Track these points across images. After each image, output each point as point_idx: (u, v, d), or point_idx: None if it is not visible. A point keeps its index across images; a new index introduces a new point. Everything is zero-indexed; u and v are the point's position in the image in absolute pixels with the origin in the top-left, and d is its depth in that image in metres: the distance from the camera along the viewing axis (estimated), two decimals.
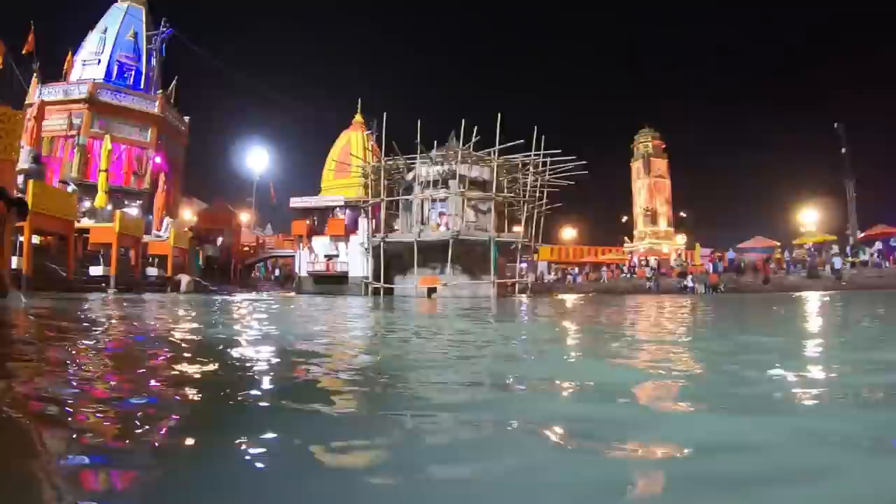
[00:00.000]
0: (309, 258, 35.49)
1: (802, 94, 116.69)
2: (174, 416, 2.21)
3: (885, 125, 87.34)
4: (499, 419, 2.25)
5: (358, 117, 43.95)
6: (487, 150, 31.87)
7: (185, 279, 28.25)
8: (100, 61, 42.03)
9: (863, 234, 39.81)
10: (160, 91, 42.80)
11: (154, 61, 44.11)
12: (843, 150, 42.73)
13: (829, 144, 46.20)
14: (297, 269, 36.98)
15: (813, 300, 17.87)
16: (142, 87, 42.57)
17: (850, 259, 34.27)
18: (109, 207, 30.73)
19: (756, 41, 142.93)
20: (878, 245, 35.30)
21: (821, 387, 3.14)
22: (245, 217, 52.68)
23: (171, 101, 43.54)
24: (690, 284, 33.50)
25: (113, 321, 8.10)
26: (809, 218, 49.62)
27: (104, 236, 26.12)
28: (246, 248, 44.48)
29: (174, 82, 44.95)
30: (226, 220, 41.12)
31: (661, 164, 70.12)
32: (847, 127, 43.08)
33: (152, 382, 3.06)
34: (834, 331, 7.80)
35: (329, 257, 35.28)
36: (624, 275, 41.88)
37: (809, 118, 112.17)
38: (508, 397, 3.00)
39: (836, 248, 35.92)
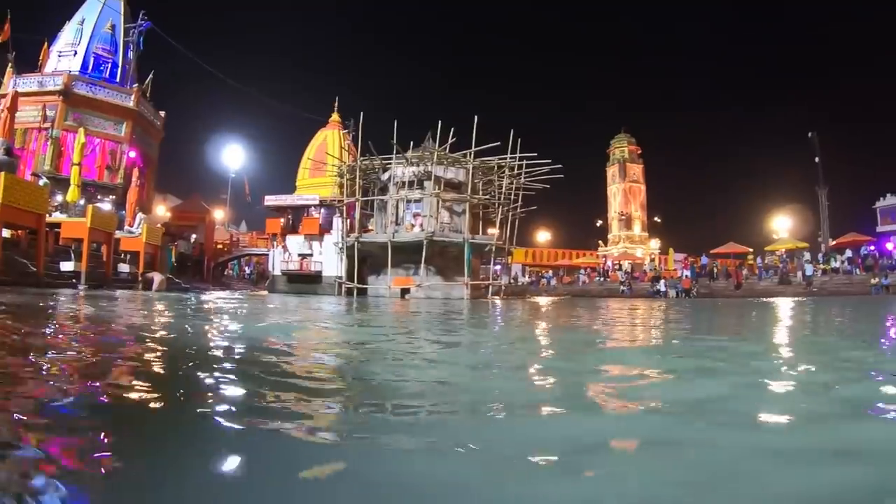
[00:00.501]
0: (283, 257, 36.36)
1: (777, 104, 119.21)
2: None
3: (858, 136, 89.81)
4: None
5: (335, 116, 44.77)
6: (463, 151, 33.06)
7: (157, 277, 28.81)
8: (76, 53, 42.39)
9: (834, 242, 41.42)
10: (136, 85, 43.17)
11: (131, 54, 44.59)
12: (817, 160, 44.20)
13: (803, 153, 47.75)
14: (270, 268, 37.70)
15: (782, 305, 19.17)
16: (118, 80, 42.98)
17: (821, 266, 35.58)
18: (82, 202, 31.10)
19: (734, 49, 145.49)
20: (849, 253, 36.61)
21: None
22: (219, 214, 53.45)
23: (147, 95, 43.98)
24: (663, 289, 34.71)
25: (75, 319, 8.62)
26: (782, 225, 51.35)
27: (76, 231, 26.40)
28: (219, 246, 45.17)
29: (150, 76, 45.23)
30: (200, 216, 41.83)
31: (636, 170, 72.08)
32: (820, 137, 44.51)
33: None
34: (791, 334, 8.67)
35: (303, 256, 36.19)
36: (598, 278, 42.94)
37: (784, 127, 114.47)
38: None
39: (807, 255, 37.46)
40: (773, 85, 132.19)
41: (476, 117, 31.40)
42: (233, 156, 56.21)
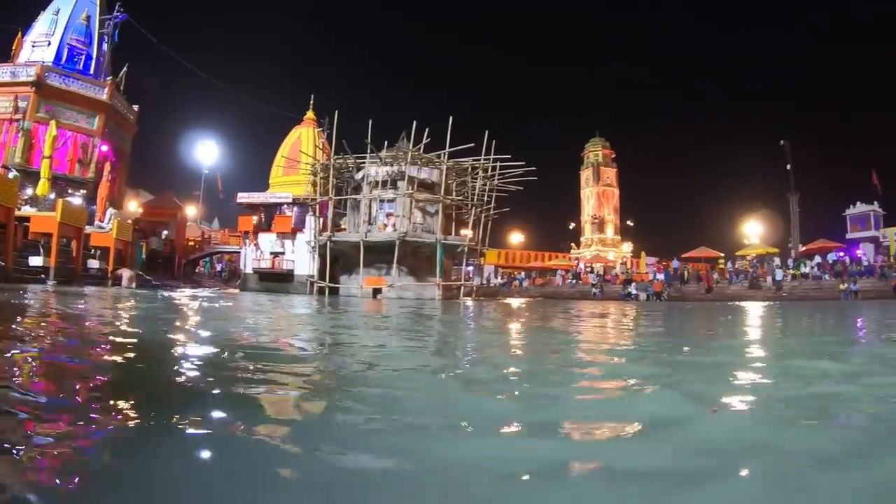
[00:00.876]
0: (255, 255, 37.00)
1: (751, 112, 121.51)
2: None
3: (830, 145, 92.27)
4: None
5: (310, 114, 45.45)
6: (437, 152, 33.91)
7: (126, 273, 29.27)
8: (50, 43, 42.60)
9: (804, 248, 42.77)
10: (110, 78, 43.45)
11: (106, 46, 44.89)
12: (788, 167, 45.54)
13: (775, 161, 49.20)
14: (242, 266, 38.16)
15: (750, 309, 20.30)
16: (91, 72, 43.28)
17: (791, 271, 36.64)
18: (52, 196, 31.52)
19: (708, 57, 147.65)
20: (818, 259, 37.68)
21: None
22: (192, 211, 53.94)
23: (121, 88, 44.26)
24: (634, 292, 35.66)
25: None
26: (753, 231, 53.12)
27: (45, 225, 26.78)
28: (191, 243, 45.80)
29: (124, 69, 45.34)
30: (171, 213, 42.38)
31: (610, 174, 73.87)
32: (793, 145, 45.94)
33: None
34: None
35: (275, 255, 36.81)
36: (570, 281, 43.83)
37: (757, 135, 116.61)
38: None
39: (777, 261, 38.76)
40: (747, 93, 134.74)
41: (451, 118, 32.41)
42: (206, 152, 56.66)
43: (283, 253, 37.07)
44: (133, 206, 45.18)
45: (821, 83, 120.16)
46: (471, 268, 39.42)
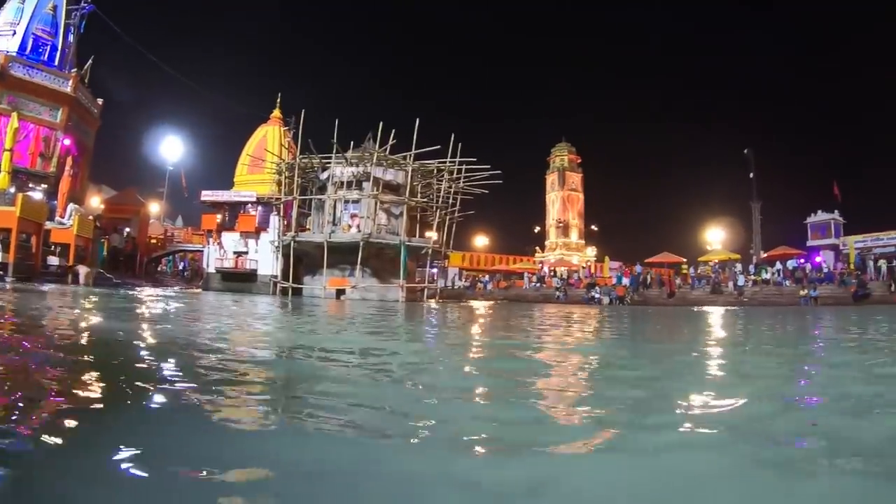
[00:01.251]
0: (218, 254, 37.36)
1: (716, 121, 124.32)
2: None
3: (792, 155, 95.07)
4: None
5: (276, 112, 46.04)
6: (403, 153, 34.90)
7: (83, 270, 29.44)
8: (14, 33, 42.18)
9: (765, 255, 44.31)
10: (75, 70, 43.35)
11: (71, 37, 44.64)
12: (751, 175, 46.99)
13: (739, 169, 50.88)
14: (205, 265, 38.29)
15: (712, 314, 21.42)
16: (56, 63, 43.09)
17: (752, 277, 37.80)
18: (12, 190, 31.68)
19: (675, 65, 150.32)
20: (779, 265, 38.89)
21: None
22: (155, 208, 54.17)
23: (85, 81, 44.14)
24: (597, 296, 36.38)
25: None
26: (716, 237, 54.99)
27: (4, 220, 27.01)
28: (153, 241, 46.03)
29: (90, 62, 45.17)
30: (134, 209, 42.59)
31: (575, 178, 75.99)
32: (756, 154, 47.53)
33: None
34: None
35: (238, 254, 37.21)
36: (533, 284, 44.63)
37: (721, 143, 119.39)
38: None
39: (739, 267, 40.20)
40: (713, 102, 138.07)
41: (417, 120, 33.36)
42: (171, 148, 56.54)
43: (246, 252, 37.49)
44: (95, 202, 45.31)
45: (785, 94, 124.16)
46: (435, 270, 40.21)
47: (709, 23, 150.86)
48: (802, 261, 41.54)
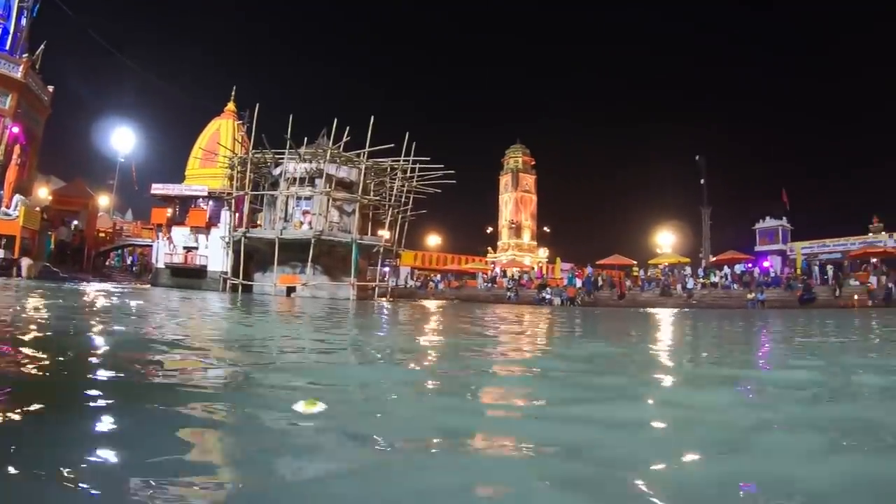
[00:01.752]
0: (167, 249, 37.47)
1: (669, 127, 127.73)
2: None
3: (743, 162, 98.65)
4: None
5: (231, 105, 46.11)
6: (357, 151, 35.63)
7: (25, 263, 29.41)
8: None
9: (714, 259, 45.95)
10: (26, 55, 42.57)
11: (24, 21, 43.65)
12: (702, 181, 48.55)
13: (690, 175, 52.75)
14: (154, 260, 38.21)
15: (661, 316, 22.38)
16: (7, 48, 42.27)
17: (701, 280, 38.97)
18: None
19: (629, 69, 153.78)
20: (727, 269, 40.15)
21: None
22: (104, 200, 53.75)
23: (37, 67, 43.52)
24: (548, 297, 37.24)
25: None
26: (666, 241, 57.32)
27: None
28: (102, 234, 45.87)
29: (42, 47, 44.38)
30: (83, 202, 42.49)
31: (528, 180, 78.12)
32: (708, 160, 49.41)
33: None
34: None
35: (188, 249, 37.42)
36: (485, 284, 45.42)
37: (674, 149, 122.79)
38: None
39: (688, 270, 41.68)
40: (666, 109, 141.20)
41: (372, 118, 34.30)
42: (122, 140, 56.07)
43: (196, 248, 37.72)
44: (43, 193, 44.96)
45: (736, 103, 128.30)
46: (386, 269, 40.83)
47: (665, 27, 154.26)
48: (750, 265, 43.16)
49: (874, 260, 41.87)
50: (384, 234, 37.01)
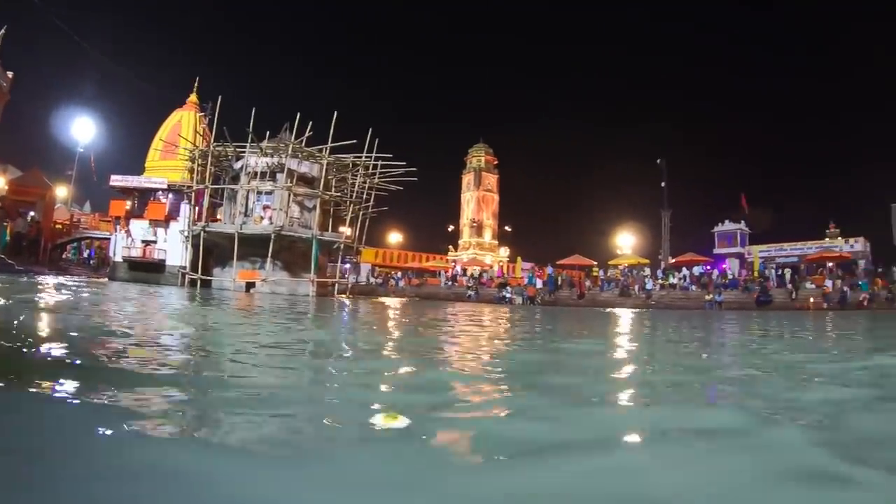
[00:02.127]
0: (125, 242, 37.42)
1: (631, 130, 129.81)
2: None
3: (703, 167, 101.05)
4: None
5: (193, 97, 45.71)
6: (319, 146, 36.06)
7: None
8: None
9: (674, 260, 47.20)
10: None
11: None
12: (663, 184, 49.90)
13: (651, 178, 54.05)
14: (111, 254, 38.09)
15: (620, 316, 22.87)
16: None
17: (660, 281, 39.96)
18: None
19: (592, 72, 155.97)
20: (686, 271, 41.13)
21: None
22: (62, 191, 53.08)
23: None
24: (508, 295, 37.81)
25: None
26: (626, 242, 58.92)
27: None
28: (59, 226, 45.43)
29: (2, 31, 43.46)
30: (40, 192, 42.20)
31: (491, 179, 79.83)
32: (669, 164, 50.80)
33: None
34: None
35: (147, 243, 37.42)
36: (447, 282, 45.91)
37: (635, 152, 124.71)
38: None
39: (648, 271, 42.94)
40: (629, 111, 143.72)
41: (335, 113, 34.65)
42: (83, 129, 55.24)
43: (155, 242, 37.65)
44: None
45: (697, 108, 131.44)
46: (347, 265, 41.14)
47: (628, 29, 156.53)
48: (709, 267, 44.29)
49: (830, 264, 43.51)
50: (345, 230, 37.35)
